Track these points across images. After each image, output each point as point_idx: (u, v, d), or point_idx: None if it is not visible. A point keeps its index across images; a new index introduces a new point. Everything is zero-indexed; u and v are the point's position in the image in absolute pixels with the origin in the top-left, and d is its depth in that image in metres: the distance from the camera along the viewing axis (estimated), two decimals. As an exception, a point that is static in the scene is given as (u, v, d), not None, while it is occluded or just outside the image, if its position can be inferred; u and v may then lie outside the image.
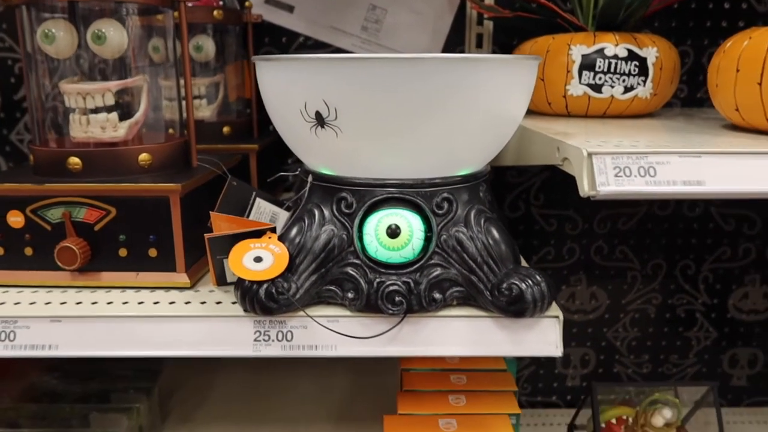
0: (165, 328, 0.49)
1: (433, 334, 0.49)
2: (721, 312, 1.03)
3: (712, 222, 0.99)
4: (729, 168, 0.46)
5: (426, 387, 0.63)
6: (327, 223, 0.50)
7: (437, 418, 0.57)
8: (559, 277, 1.01)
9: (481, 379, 0.64)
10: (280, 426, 0.79)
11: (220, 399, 0.85)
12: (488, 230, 0.50)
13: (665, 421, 0.65)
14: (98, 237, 0.53)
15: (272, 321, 0.49)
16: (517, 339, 0.49)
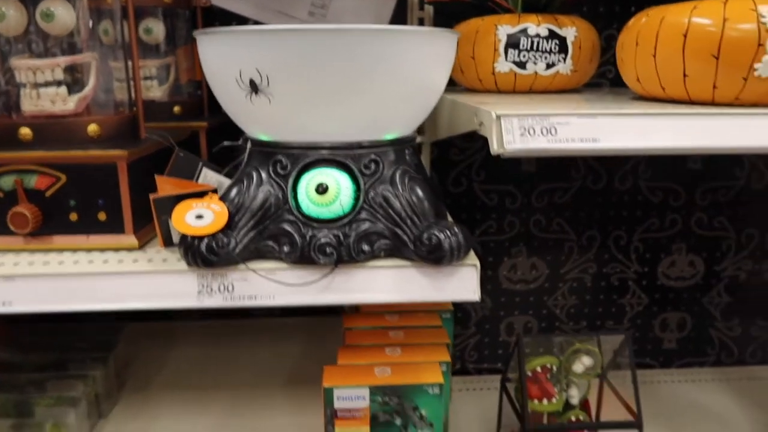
0: (114, 284, 0.53)
1: (363, 283, 0.54)
2: (651, 279, 1.11)
3: (640, 195, 1.06)
4: (621, 127, 0.52)
5: (365, 342, 0.68)
6: (264, 184, 0.54)
7: (373, 366, 0.62)
8: (501, 249, 1.07)
9: (417, 334, 0.70)
10: (233, 390, 0.83)
11: (174, 368, 0.89)
12: (412, 189, 0.55)
13: (585, 367, 0.71)
14: (49, 203, 0.57)
15: (214, 274, 0.53)
16: (440, 285, 0.54)
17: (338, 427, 0.60)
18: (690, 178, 1.06)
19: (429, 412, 0.60)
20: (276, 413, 0.78)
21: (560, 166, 1.03)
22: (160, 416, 0.77)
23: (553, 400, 0.70)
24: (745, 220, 1.08)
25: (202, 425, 0.75)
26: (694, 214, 1.08)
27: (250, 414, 0.77)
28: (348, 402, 0.59)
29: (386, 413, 0.60)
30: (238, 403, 0.80)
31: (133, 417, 0.77)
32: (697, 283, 1.11)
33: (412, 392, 0.60)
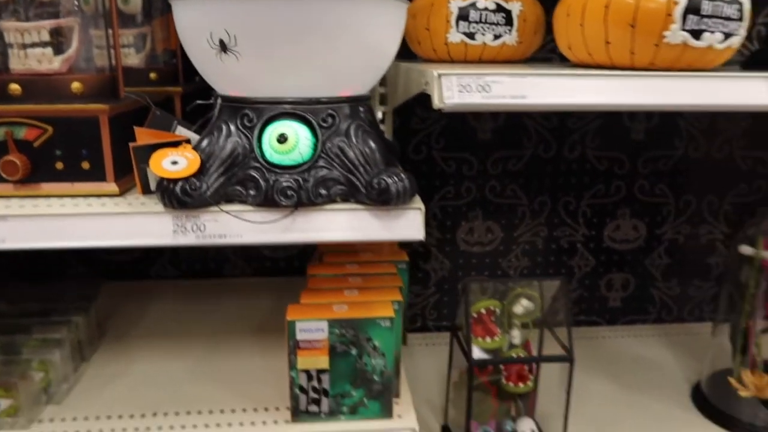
0: (98, 223, 0.59)
1: (321, 223, 0.61)
2: (597, 242, 1.20)
3: (588, 163, 1.14)
4: (546, 86, 0.59)
5: (326, 286, 0.75)
6: (233, 136, 0.61)
7: (332, 304, 0.69)
8: (459, 214, 1.14)
9: (373, 279, 0.77)
10: (206, 339, 0.89)
11: (151, 320, 0.95)
12: (365, 141, 0.62)
13: (524, 309, 0.79)
14: (37, 153, 0.62)
15: (188, 215, 0.60)
16: (389, 226, 0.61)
17: (300, 357, 0.67)
18: (633, 148, 1.14)
19: (381, 344, 0.68)
20: (246, 357, 0.85)
21: (513, 135, 1.11)
22: (139, 360, 0.84)
23: (495, 338, 0.79)
24: (684, 187, 1.18)
25: (178, 368, 0.82)
26: (636, 182, 1.17)
27: (222, 358, 0.84)
28: (309, 334, 0.67)
29: (343, 344, 0.67)
30: (211, 350, 0.86)
31: (114, 360, 0.84)
32: (639, 246, 1.21)
33: (367, 325, 0.67)
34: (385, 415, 0.70)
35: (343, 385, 0.69)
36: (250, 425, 0.70)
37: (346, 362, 0.68)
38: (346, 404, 0.70)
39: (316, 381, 0.68)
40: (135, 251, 1.11)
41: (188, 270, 1.13)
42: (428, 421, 0.92)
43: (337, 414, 0.70)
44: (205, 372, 0.81)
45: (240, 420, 0.71)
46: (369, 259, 0.83)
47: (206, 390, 0.77)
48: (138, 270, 1.12)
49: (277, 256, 1.14)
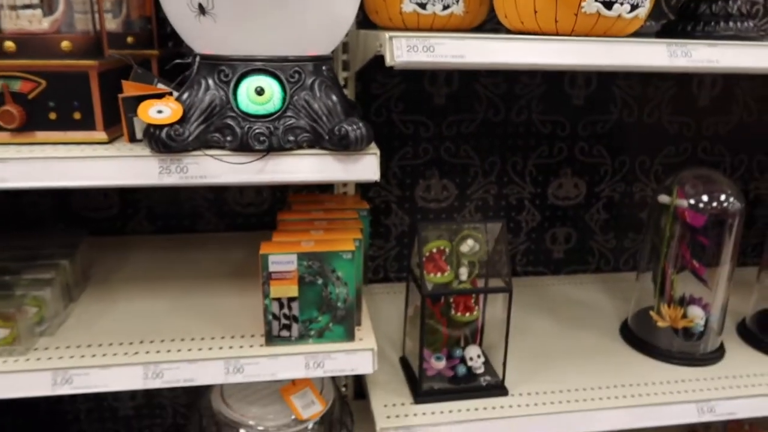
0: (90, 166, 0.67)
1: (290, 166, 0.70)
2: (543, 199, 1.31)
3: (533, 127, 1.25)
4: (481, 47, 0.69)
5: (295, 228, 0.84)
6: (211, 89, 0.69)
7: (300, 241, 0.79)
8: (417, 173, 1.24)
9: (337, 223, 0.86)
10: (185, 282, 0.98)
11: (132, 268, 1.03)
12: (327, 95, 0.71)
13: (469, 248, 0.90)
14: (32, 104, 0.69)
15: (172, 158, 0.68)
16: (349, 168, 0.71)
17: (273, 287, 0.76)
18: (574, 112, 1.26)
19: (344, 274, 0.77)
20: (222, 296, 0.93)
21: (466, 100, 1.21)
22: (123, 300, 0.92)
23: (445, 274, 0.89)
24: (619, 149, 1.30)
25: (160, 305, 0.90)
26: (577, 144, 1.28)
27: (200, 297, 0.93)
28: (280, 266, 0.76)
29: (310, 275, 0.77)
30: (190, 291, 0.95)
31: (100, 300, 0.91)
32: (580, 203, 1.33)
33: (331, 258, 0.77)
34: (348, 338, 0.80)
35: (311, 312, 0.79)
36: (228, 349, 0.79)
37: (314, 291, 0.78)
38: (313, 329, 0.79)
39: (286, 308, 0.78)
40: (112, 207, 1.18)
41: (164, 226, 1.20)
42: (389, 355, 1.03)
43: (306, 338, 0.80)
44: (185, 308, 0.89)
45: (219, 345, 0.80)
46: (333, 207, 0.93)
47: (187, 322, 0.85)
48: (115, 227, 1.19)
49: (248, 212, 1.22)
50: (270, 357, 0.78)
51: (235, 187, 1.20)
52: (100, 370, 0.75)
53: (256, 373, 0.78)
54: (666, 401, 0.95)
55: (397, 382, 0.96)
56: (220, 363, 0.77)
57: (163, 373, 0.76)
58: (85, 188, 0.67)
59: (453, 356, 0.95)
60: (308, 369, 0.79)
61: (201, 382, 0.77)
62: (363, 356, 0.80)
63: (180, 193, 1.19)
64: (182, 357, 0.77)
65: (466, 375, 0.93)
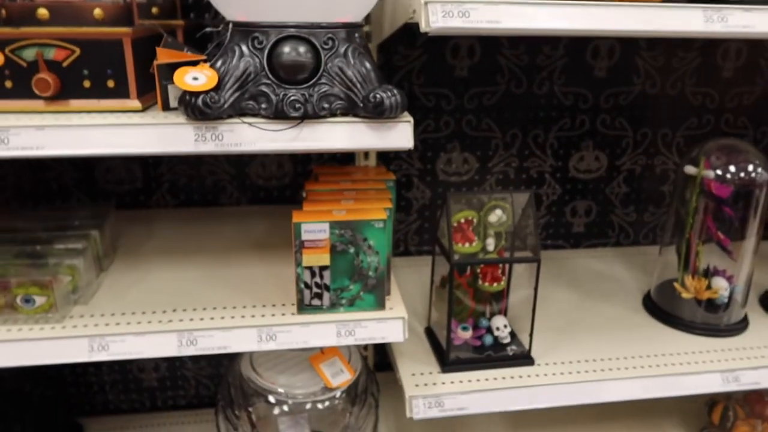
0: (126, 133, 0.67)
1: (324, 134, 0.70)
2: (564, 172, 1.31)
3: (555, 99, 1.25)
4: (517, 12, 0.68)
5: (324, 198, 0.84)
6: (245, 56, 0.69)
7: (332, 210, 0.79)
8: (438, 146, 1.24)
9: (366, 193, 0.86)
10: (213, 253, 0.99)
11: (159, 240, 1.04)
12: (361, 62, 0.70)
13: (497, 218, 0.90)
14: (66, 72, 0.69)
15: (207, 126, 0.68)
16: (383, 136, 0.71)
17: (305, 255, 0.77)
18: (596, 84, 1.25)
19: (375, 243, 0.78)
20: (250, 267, 0.94)
21: (488, 72, 1.20)
22: (152, 270, 0.92)
23: (473, 244, 0.89)
24: (641, 121, 1.29)
25: (190, 276, 0.91)
26: (599, 116, 1.27)
27: (229, 268, 0.94)
28: (312, 234, 0.76)
29: (342, 243, 0.77)
30: (218, 262, 0.96)
31: (130, 271, 0.92)
32: (601, 176, 1.33)
33: (363, 227, 0.77)
34: (378, 306, 0.81)
35: (342, 280, 0.79)
36: (260, 317, 0.80)
37: (345, 260, 0.78)
38: (344, 297, 0.80)
39: (318, 277, 0.78)
40: (135, 181, 1.18)
41: (186, 200, 1.21)
42: (414, 327, 1.04)
43: (337, 306, 0.80)
44: (214, 278, 0.90)
45: (252, 313, 0.81)
46: (360, 178, 0.93)
47: (217, 292, 0.86)
48: (138, 201, 1.20)
49: (270, 186, 1.22)
50: (302, 325, 0.79)
51: (258, 161, 1.20)
52: (135, 337, 0.76)
53: (289, 340, 0.79)
54: (691, 371, 0.95)
55: (423, 353, 0.97)
56: (253, 331, 0.78)
57: (197, 341, 0.77)
58: (122, 156, 0.67)
59: (479, 326, 0.96)
60: (339, 337, 0.80)
61: (234, 349, 0.78)
62: (393, 324, 0.81)
63: (202, 167, 1.19)
64: (216, 325, 0.78)
65: (492, 345, 0.94)
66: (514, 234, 0.96)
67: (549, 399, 0.90)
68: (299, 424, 0.95)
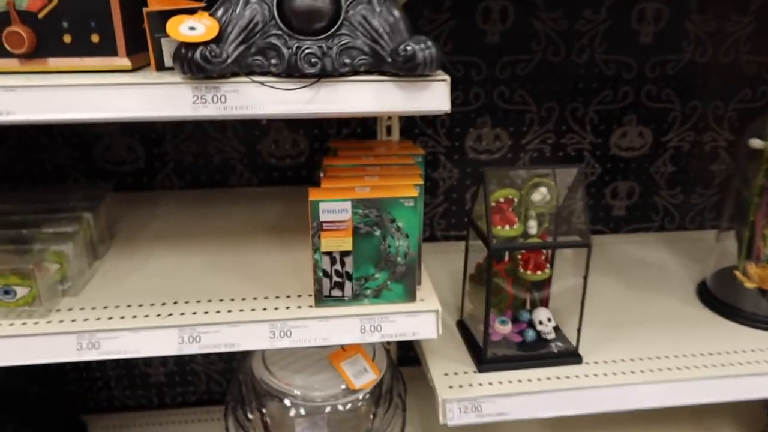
0: (111, 95, 0.57)
1: (345, 94, 0.59)
2: (604, 150, 1.19)
3: (596, 68, 1.13)
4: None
5: (345, 174, 0.74)
6: (251, 3, 0.58)
7: (354, 187, 0.68)
8: (467, 120, 1.13)
9: (392, 168, 0.76)
10: (221, 237, 0.88)
11: (162, 223, 0.94)
12: (389, 9, 0.59)
13: (541, 197, 0.79)
14: (43, 24, 0.59)
15: (208, 86, 0.57)
16: (414, 97, 0.60)
17: (324, 239, 0.66)
18: (641, 52, 1.12)
19: (405, 224, 0.67)
20: (262, 253, 0.84)
21: (523, 38, 1.08)
22: (153, 257, 0.83)
23: (514, 227, 0.78)
24: (690, 93, 1.17)
25: (194, 262, 0.81)
26: (644, 87, 1.15)
27: (238, 254, 0.84)
28: (332, 215, 0.66)
29: (366, 225, 0.67)
30: (226, 247, 0.86)
31: (128, 257, 0.83)
32: (645, 154, 1.21)
33: (390, 205, 0.66)
34: (408, 297, 0.70)
35: (367, 268, 0.69)
36: (273, 310, 0.70)
37: (370, 244, 0.68)
38: (369, 287, 0.70)
39: (339, 264, 0.68)
40: (137, 161, 1.08)
41: (193, 181, 1.11)
42: (444, 320, 0.92)
43: (361, 297, 0.70)
44: (223, 265, 0.80)
45: (263, 306, 0.71)
46: (384, 153, 0.82)
47: (226, 281, 0.76)
48: (141, 182, 1.10)
49: (284, 165, 1.12)
50: (321, 319, 0.69)
51: (270, 138, 1.10)
52: (130, 334, 0.67)
53: (306, 337, 0.69)
54: (757, 372, 0.84)
55: (455, 349, 0.86)
56: (264, 326, 0.68)
57: (200, 337, 0.67)
58: (107, 121, 0.57)
59: (519, 320, 0.85)
60: (364, 333, 0.69)
61: (244, 347, 0.68)
62: (425, 318, 0.70)
63: (210, 144, 1.09)
64: (222, 319, 0.68)
65: (535, 340, 0.83)
66: (556, 215, 0.84)
67: (601, 403, 0.79)
68: (317, 425, 0.86)
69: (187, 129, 1.07)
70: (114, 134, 1.06)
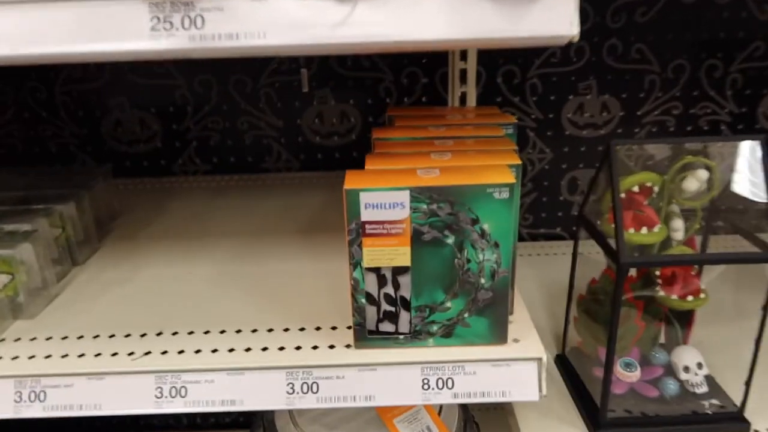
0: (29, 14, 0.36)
1: (397, 10, 0.35)
2: (749, 122, 0.90)
3: (744, 11, 0.83)
4: None
5: (404, 150, 0.50)
6: None
7: (415, 170, 0.45)
8: (566, 85, 0.86)
9: (474, 143, 0.51)
10: (240, 239, 0.67)
11: (171, 219, 0.74)
12: None
13: (699, 185, 0.53)
14: None
15: (173, 3, 0.35)
16: (516, 13, 0.35)
17: (367, 248, 0.43)
18: (811, -13, 0.83)
19: (494, 227, 0.43)
20: (289, 261, 0.62)
21: (645, -29, 0.81)
22: (148, 265, 0.62)
23: (655, 229, 0.53)
24: None
25: (198, 275, 0.60)
26: (812, 36, 0.85)
27: (256, 263, 0.62)
28: (381, 212, 0.43)
29: (433, 228, 0.43)
30: (243, 253, 0.64)
31: (116, 264, 0.63)
32: (806, 127, 0.90)
33: (471, 197, 0.42)
34: (495, 338, 0.46)
35: (433, 293, 0.45)
36: (294, 351, 0.47)
37: (439, 256, 0.44)
38: (436, 321, 0.46)
39: (391, 286, 0.45)
40: (153, 139, 0.89)
41: (221, 164, 0.91)
42: (534, 351, 0.68)
43: (424, 336, 0.46)
44: (234, 279, 0.59)
45: (280, 343, 0.48)
46: (459, 122, 0.58)
47: (234, 303, 0.55)
48: (158, 165, 0.90)
49: (330, 145, 0.89)
50: (362, 368, 0.46)
51: (312, 110, 0.87)
52: (88, 381, 0.46)
53: (339, 393, 0.46)
54: None
55: (556, 398, 0.62)
56: (279, 375, 0.46)
57: (186, 389, 0.46)
58: (22, 60, 0.36)
59: (651, 362, 0.59)
60: (427, 390, 0.46)
61: (249, 406, 0.46)
62: (522, 370, 0.46)
63: (240, 120, 0.88)
64: (218, 363, 0.46)
65: (677, 395, 0.57)
66: (710, 211, 0.58)
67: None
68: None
69: (213, 100, 0.87)
70: (124, 106, 0.87)
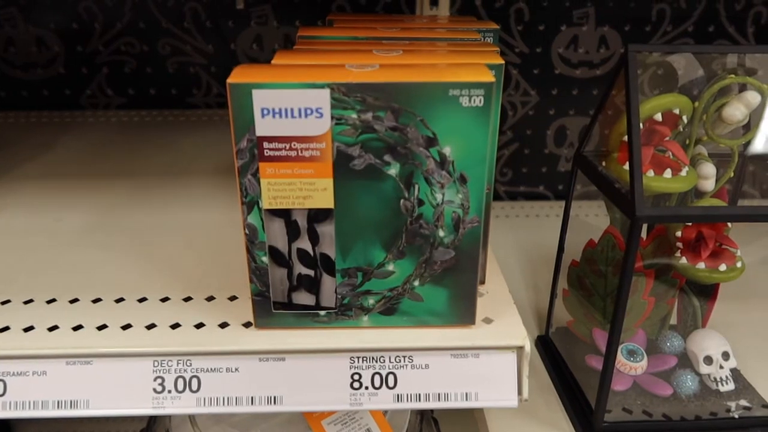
0: None
1: None
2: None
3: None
4: None
5: (337, 48, 0.35)
6: None
7: (343, 64, 0.30)
8: (559, 11, 0.72)
9: (438, 44, 0.37)
10: (142, 179, 0.52)
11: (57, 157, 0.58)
12: None
13: (744, 114, 0.39)
14: None
15: None
16: None
17: (267, 179, 0.29)
18: None
19: (459, 151, 0.28)
20: (191, 207, 0.47)
21: None
22: (9, 211, 0.47)
23: (682, 173, 0.39)
24: None
25: (68, 222, 0.45)
26: None
27: (147, 208, 0.47)
28: (287, 122, 0.28)
29: (368, 151, 0.28)
30: (135, 196, 0.49)
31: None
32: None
33: (426, 103, 0.28)
34: (458, 317, 0.32)
35: (369, 250, 0.30)
36: (167, 330, 0.33)
37: (376, 195, 0.29)
38: (373, 292, 0.32)
39: (307, 239, 0.30)
40: (55, 63, 0.72)
41: (139, 97, 0.74)
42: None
43: (355, 313, 0.32)
44: (112, 230, 0.44)
45: (150, 319, 0.33)
46: (425, 25, 0.43)
47: (100, 262, 0.40)
48: (60, 96, 0.74)
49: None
50: (263, 357, 0.31)
51: (250, 32, 0.71)
52: None
53: (229, 393, 0.32)
54: None
55: (536, 392, 0.48)
56: (144, 365, 0.31)
57: (5, 384, 0.31)
58: None
59: (662, 349, 0.46)
60: (357, 390, 0.32)
61: (96, 409, 0.32)
62: (495, 363, 0.32)
63: (160, 42, 0.71)
64: (55, 347, 0.31)
65: (696, 392, 0.44)
66: (746, 154, 0.44)
67: None
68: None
69: (126, 16, 0.70)
70: (15, 20, 0.70)
